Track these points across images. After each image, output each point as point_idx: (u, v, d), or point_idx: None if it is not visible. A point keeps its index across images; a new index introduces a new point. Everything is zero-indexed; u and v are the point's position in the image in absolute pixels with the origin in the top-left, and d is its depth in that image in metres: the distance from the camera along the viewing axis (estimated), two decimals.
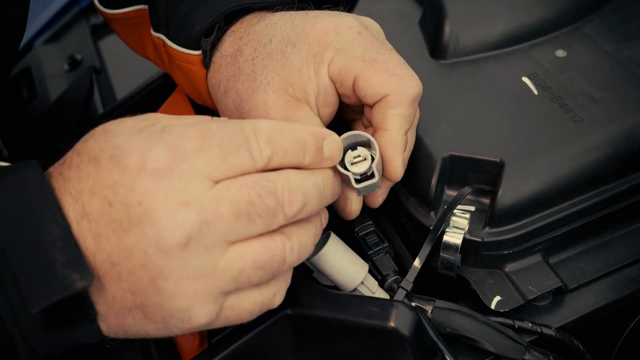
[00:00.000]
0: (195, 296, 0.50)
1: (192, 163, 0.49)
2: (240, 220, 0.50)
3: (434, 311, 0.63)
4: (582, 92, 0.73)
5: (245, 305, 0.53)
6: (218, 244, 0.50)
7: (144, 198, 0.48)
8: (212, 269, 0.50)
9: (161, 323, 0.51)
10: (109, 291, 0.50)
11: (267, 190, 0.51)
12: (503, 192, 0.66)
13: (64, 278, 0.47)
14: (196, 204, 0.48)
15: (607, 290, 0.68)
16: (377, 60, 0.62)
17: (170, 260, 0.48)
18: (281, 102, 0.65)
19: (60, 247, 0.47)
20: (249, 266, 0.51)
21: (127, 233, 0.48)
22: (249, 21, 0.69)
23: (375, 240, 0.68)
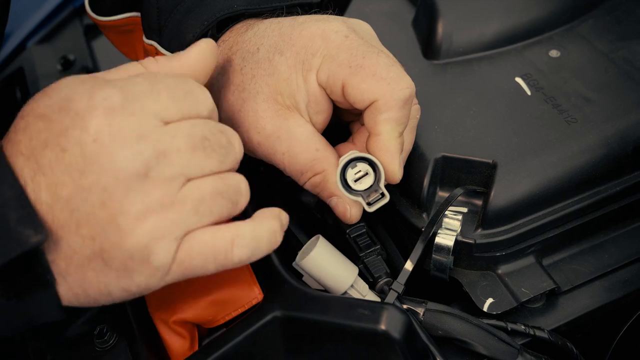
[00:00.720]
0: (155, 230, 0.50)
1: (143, 102, 0.51)
2: (197, 153, 0.51)
3: (425, 313, 0.63)
4: (575, 92, 0.72)
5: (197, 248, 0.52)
6: (177, 177, 0.51)
7: (98, 135, 0.49)
8: (172, 201, 0.50)
9: (122, 270, 0.51)
10: (68, 242, 0.50)
11: (218, 129, 0.54)
12: (496, 194, 0.66)
13: (18, 234, 0.47)
14: (152, 137, 0.50)
15: (601, 292, 0.67)
16: (364, 65, 0.61)
17: (130, 192, 0.49)
18: (272, 111, 0.64)
19: (13, 207, 0.48)
20: (208, 193, 0.52)
21: (84, 173, 0.49)
22: (237, 30, 0.69)
23: (367, 242, 0.67)
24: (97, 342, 0.67)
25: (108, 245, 0.50)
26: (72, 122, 0.49)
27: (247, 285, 0.63)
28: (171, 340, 0.65)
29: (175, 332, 0.65)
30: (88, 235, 0.50)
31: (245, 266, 0.65)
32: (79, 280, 0.51)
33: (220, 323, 0.64)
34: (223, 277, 0.64)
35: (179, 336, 0.65)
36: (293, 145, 0.64)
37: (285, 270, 0.63)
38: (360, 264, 0.66)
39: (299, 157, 0.64)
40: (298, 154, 0.64)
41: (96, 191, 0.49)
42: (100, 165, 0.49)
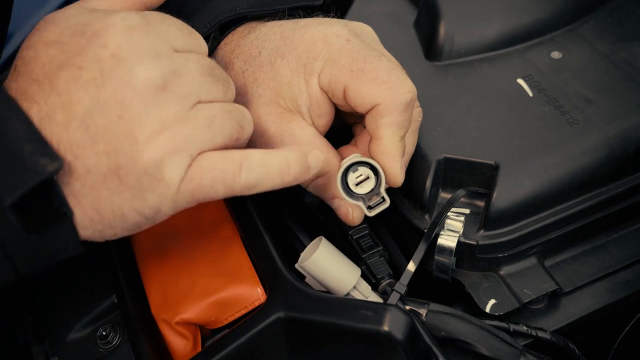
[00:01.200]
0: (169, 144, 0.51)
1: (158, 27, 0.54)
2: (207, 79, 0.55)
3: (428, 315, 0.63)
4: (577, 93, 0.73)
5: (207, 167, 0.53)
6: (191, 95, 0.53)
7: (117, 50, 0.51)
8: (186, 117, 0.52)
9: (136, 188, 0.52)
10: (83, 160, 0.51)
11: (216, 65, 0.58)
12: (498, 195, 0.66)
13: (34, 165, 0.48)
14: (167, 57, 0.53)
15: (603, 293, 0.68)
16: (365, 69, 0.61)
17: (147, 104, 0.51)
18: (274, 115, 0.65)
19: (26, 139, 0.49)
20: (219, 112, 0.55)
21: (102, 87, 0.50)
22: (239, 33, 0.69)
23: (370, 244, 0.68)
24: (100, 343, 0.67)
25: (123, 160, 0.51)
26: (89, 42, 0.51)
27: (250, 286, 0.63)
28: (174, 342, 0.65)
29: (178, 333, 0.65)
30: (103, 151, 0.51)
31: (248, 267, 0.65)
32: (93, 201, 0.52)
33: (223, 324, 0.65)
34: (226, 277, 0.65)
35: (182, 337, 0.65)
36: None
37: (288, 271, 0.63)
38: (362, 266, 0.67)
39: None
40: None
41: (114, 104, 0.50)
42: (118, 78, 0.50)
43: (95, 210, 0.52)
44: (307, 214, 0.75)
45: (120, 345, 0.67)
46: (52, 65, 0.51)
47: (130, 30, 0.52)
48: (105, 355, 0.67)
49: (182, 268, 0.67)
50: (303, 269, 0.64)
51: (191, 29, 0.58)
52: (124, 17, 0.52)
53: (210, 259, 0.67)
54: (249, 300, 0.63)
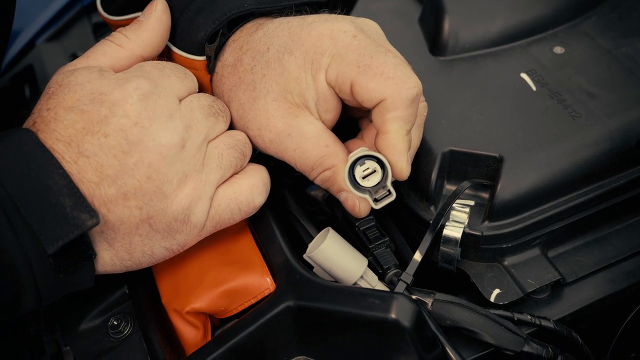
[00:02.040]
0: (194, 192, 0.60)
1: (163, 85, 0.60)
2: (210, 119, 0.63)
3: (434, 304, 0.64)
4: (580, 88, 0.74)
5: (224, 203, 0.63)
6: (203, 143, 0.61)
7: (139, 119, 0.57)
8: (202, 165, 0.61)
9: (166, 231, 0.60)
10: (116, 213, 0.57)
11: (212, 99, 0.65)
12: (502, 187, 0.67)
13: (74, 219, 0.54)
14: (177, 115, 0.60)
15: (605, 284, 0.69)
16: (371, 65, 0.62)
17: (172, 164, 0.58)
18: (282, 110, 0.66)
19: (67, 194, 0.54)
20: (224, 149, 0.63)
21: (129, 154, 0.57)
22: (248, 29, 0.70)
23: (376, 235, 0.69)
24: (112, 332, 0.68)
25: (154, 212, 0.58)
26: (110, 111, 0.57)
27: (260, 276, 0.65)
28: (184, 331, 0.66)
29: (189, 322, 0.66)
30: (135, 205, 0.57)
31: (258, 258, 0.66)
32: (126, 245, 0.59)
33: (232, 313, 0.66)
34: (236, 268, 0.66)
35: (192, 326, 0.66)
36: (303, 142, 0.65)
37: (297, 261, 0.64)
38: (369, 256, 0.68)
39: (310, 153, 0.65)
40: (308, 151, 0.65)
41: (141, 167, 0.57)
42: (144, 146, 0.57)
43: (126, 252, 0.60)
44: (314, 206, 0.76)
45: (131, 334, 0.67)
46: (75, 129, 0.56)
47: (145, 99, 0.58)
48: (117, 345, 0.67)
49: (192, 259, 0.68)
50: (311, 259, 0.65)
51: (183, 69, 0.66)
52: (137, 87, 0.58)
53: (220, 250, 0.68)
54: (259, 289, 0.64)
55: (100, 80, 0.59)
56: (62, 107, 0.57)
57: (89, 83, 0.58)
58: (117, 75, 0.60)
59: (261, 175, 0.66)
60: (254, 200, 0.65)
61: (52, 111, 0.57)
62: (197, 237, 0.63)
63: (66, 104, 0.57)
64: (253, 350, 0.61)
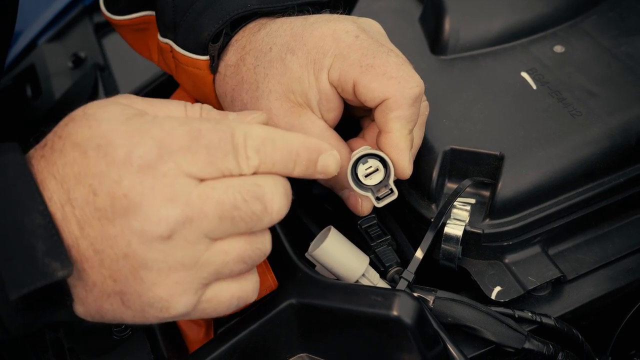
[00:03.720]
0: (176, 287, 0.51)
1: (177, 162, 0.50)
2: (224, 222, 0.51)
3: (435, 301, 0.64)
4: (580, 86, 0.74)
5: (223, 298, 0.54)
6: (201, 240, 0.51)
7: (129, 191, 0.49)
8: (195, 262, 0.51)
9: (139, 311, 0.52)
10: (90, 276, 0.51)
11: (254, 195, 0.51)
12: (503, 185, 0.67)
13: (44, 266, 0.48)
14: (181, 201, 0.49)
15: (605, 281, 0.69)
16: (374, 64, 0.63)
17: (153, 251, 0.49)
18: (284, 109, 0.66)
19: (41, 236, 0.48)
20: (232, 260, 0.52)
21: (112, 223, 0.49)
22: (250, 30, 0.70)
23: (378, 233, 0.69)
24: (115, 330, 0.68)
25: (128, 290, 0.51)
26: (107, 169, 0.49)
27: (262, 274, 0.65)
28: (187, 328, 0.67)
29: (192, 320, 0.66)
30: (109, 276, 0.50)
31: None
32: (96, 308, 0.53)
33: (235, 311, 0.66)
34: None
35: (195, 324, 0.67)
36: None
37: (299, 259, 0.64)
38: (371, 254, 0.68)
39: None
40: None
41: (121, 243, 0.49)
42: (127, 221, 0.49)
43: (97, 313, 0.53)
44: (316, 204, 0.76)
45: (134, 332, 0.68)
46: (71, 170, 0.50)
47: (145, 171, 0.49)
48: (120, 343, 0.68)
49: None
50: (313, 257, 0.65)
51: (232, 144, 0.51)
52: (142, 155, 0.49)
53: None
54: (261, 287, 0.64)
55: (119, 125, 0.50)
56: (71, 140, 0.50)
57: (108, 124, 0.50)
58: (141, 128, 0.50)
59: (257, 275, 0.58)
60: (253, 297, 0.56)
61: (62, 141, 0.51)
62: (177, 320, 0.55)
63: (76, 139, 0.50)
64: (256, 347, 0.61)
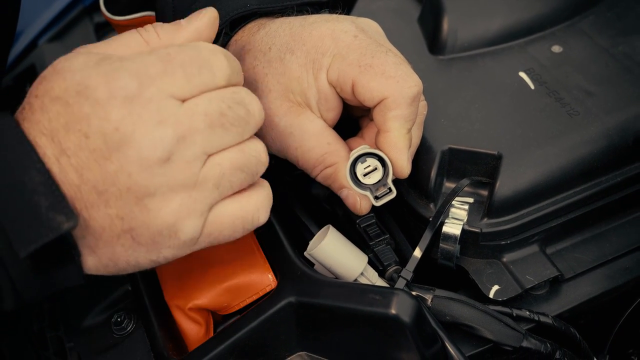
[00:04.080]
0: (181, 209, 0.52)
1: (158, 86, 0.52)
2: (216, 131, 0.53)
3: (433, 300, 0.64)
4: (577, 86, 0.74)
5: (226, 219, 0.56)
6: (198, 157, 0.52)
7: (119, 124, 0.50)
8: (194, 181, 0.53)
9: (150, 245, 0.53)
10: (97, 220, 0.52)
11: (235, 101, 0.54)
12: (501, 184, 0.67)
13: (49, 221, 0.49)
14: (170, 121, 0.51)
15: (603, 280, 0.69)
16: (373, 64, 0.63)
17: (155, 177, 0.51)
18: (284, 109, 0.66)
19: (43, 192, 0.49)
20: (228, 169, 0.54)
21: (109, 160, 0.50)
22: (250, 30, 0.71)
23: (377, 232, 0.69)
24: (115, 329, 0.69)
25: (136, 224, 0.52)
26: (92, 110, 0.50)
27: (261, 272, 0.65)
28: (187, 327, 0.67)
29: (191, 318, 0.67)
30: (116, 215, 0.52)
31: (259, 255, 0.67)
32: (108, 253, 0.54)
33: (235, 310, 0.66)
34: (238, 264, 0.66)
35: (194, 323, 0.67)
36: (305, 140, 0.66)
37: (298, 258, 0.65)
38: (370, 253, 0.68)
39: (312, 151, 0.66)
40: (310, 149, 0.66)
41: (122, 177, 0.51)
42: (123, 154, 0.50)
43: (110, 260, 0.54)
44: (315, 204, 0.77)
45: (134, 331, 0.68)
46: (58, 123, 0.51)
47: (130, 101, 0.51)
48: (120, 341, 0.68)
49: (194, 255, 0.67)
50: (312, 256, 0.66)
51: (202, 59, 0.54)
52: (124, 86, 0.51)
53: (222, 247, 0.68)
54: (260, 286, 0.65)
55: (93, 69, 0.51)
56: (49, 96, 0.51)
57: (81, 72, 0.51)
58: (113, 66, 0.52)
59: (267, 191, 0.59)
60: (259, 218, 0.58)
61: (40, 99, 0.52)
62: (187, 251, 0.56)
63: (54, 93, 0.51)
64: (255, 345, 0.62)
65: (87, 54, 0.54)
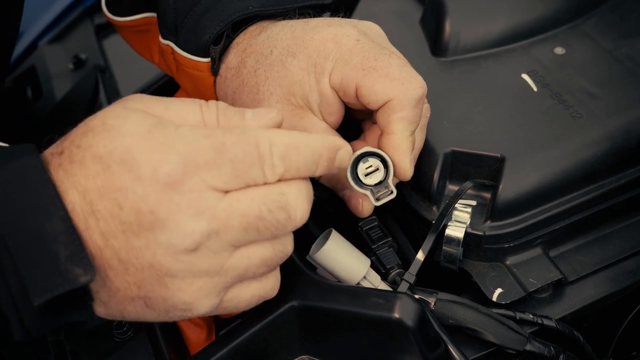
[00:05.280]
0: (200, 291, 0.52)
1: (203, 177, 0.50)
2: (249, 232, 0.52)
3: (436, 303, 0.64)
4: (580, 88, 0.74)
5: (244, 297, 0.56)
6: (226, 249, 0.52)
7: (156, 208, 0.49)
8: (219, 269, 0.52)
9: (162, 312, 0.54)
10: (114, 282, 0.52)
11: (278, 205, 0.52)
12: (504, 187, 0.67)
13: (67, 272, 0.48)
14: (207, 215, 0.50)
15: (606, 283, 0.69)
16: (376, 67, 0.63)
17: (179, 263, 0.51)
18: (287, 112, 0.66)
19: (63, 241, 0.48)
20: (255, 264, 0.54)
21: (137, 236, 0.50)
22: (251, 33, 0.70)
23: (379, 235, 0.69)
24: (117, 332, 0.68)
25: (152, 295, 0.52)
26: (132, 185, 0.49)
27: None
28: (189, 331, 0.67)
29: (193, 322, 0.67)
30: (134, 283, 0.51)
31: None
32: (119, 309, 0.54)
33: (237, 313, 0.66)
34: None
35: (196, 326, 0.67)
36: None
37: (301, 262, 0.65)
38: (372, 256, 0.68)
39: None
40: None
41: (146, 254, 0.50)
42: (153, 235, 0.50)
43: (119, 313, 0.54)
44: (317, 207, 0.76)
45: (136, 334, 0.68)
46: (94, 183, 0.50)
47: (170, 188, 0.49)
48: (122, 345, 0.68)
49: None
50: (314, 260, 0.66)
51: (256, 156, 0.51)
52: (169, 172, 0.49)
53: None
54: None
55: (144, 140, 0.50)
56: (92, 152, 0.50)
57: (131, 138, 0.50)
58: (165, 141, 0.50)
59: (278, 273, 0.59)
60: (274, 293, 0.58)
61: (82, 152, 0.50)
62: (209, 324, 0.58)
63: (97, 151, 0.50)
64: (257, 349, 0.62)
65: (141, 113, 0.52)
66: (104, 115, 0.52)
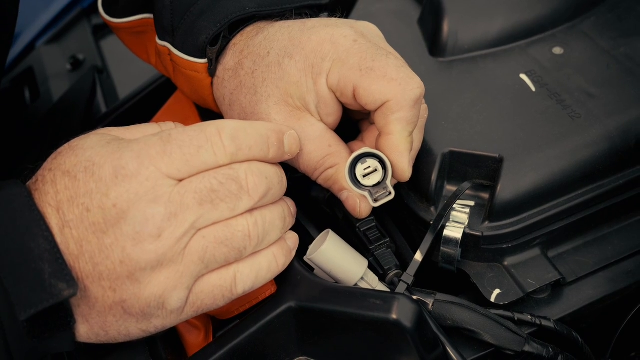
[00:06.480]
0: (168, 282, 0.55)
1: (158, 166, 0.55)
2: (205, 206, 0.55)
3: (435, 304, 0.64)
4: (579, 88, 0.74)
5: (207, 289, 0.58)
6: (187, 233, 0.55)
7: (117, 201, 0.53)
8: (180, 254, 0.55)
9: (140, 316, 0.56)
10: (92, 291, 0.55)
11: (229, 177, 0.56)
12: (502, 187, 0.67)
13: (51, 287, 0.51)
14: (163, 200, 0.54)
15: (605, 283, 0.69)
16: (374, 67, 0.63)
17: (145, 253, 0.54)
18: (284, 113, 0.66)
19: (47, 259, 0.52)
20: (211, 243, 0.56)
21: (106, 233, 0.54)
22: (248, 34, 0.70)
23: (377, 235, 0.69)
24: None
25: (127, 296, 0.55)
26: (96, 186, 0.54)
27: None
28: (186, 332, 0.67)
29: (190, 323, 0.66)
30: (109, 287, 0.54)
31: None
32: (100, 322, 0.56)
33: (234, 314, 0.66)
34: None
35: (194, 328, 0.67)
36: (307, 143, 0.66)
37: (298, 263, 0.64)
38: (370, 257, 0.68)
39: (313, 154, 0.66)
40: (312, 152, 0.66)
41: (116, 250, 0.54)
42: (119, 228, 0.53)
43: (101, 329, 0.57)
44: (315, 208, 0.76)
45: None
46: (64, 195, 0.54)
47: (128, 180, 0.54)
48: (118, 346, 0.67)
49: None
50: (312, 261, 0.65)
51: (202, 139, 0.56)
52: (124, 166, 0.54)
53: None
54: (260, 291, 0.64)
55: (102, 148, 0.56)
56: (61, 170, 0.55)
57: (92, 150, 0.56)
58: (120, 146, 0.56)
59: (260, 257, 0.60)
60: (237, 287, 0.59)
61: (52, 172, 0.56)
62: (176, 321, 0.58)
63: (65, 167, 0.55)
64: (255, 351, 0.61)
65: (102, 134, 0.58)
66: (70, 140, 0.58)
